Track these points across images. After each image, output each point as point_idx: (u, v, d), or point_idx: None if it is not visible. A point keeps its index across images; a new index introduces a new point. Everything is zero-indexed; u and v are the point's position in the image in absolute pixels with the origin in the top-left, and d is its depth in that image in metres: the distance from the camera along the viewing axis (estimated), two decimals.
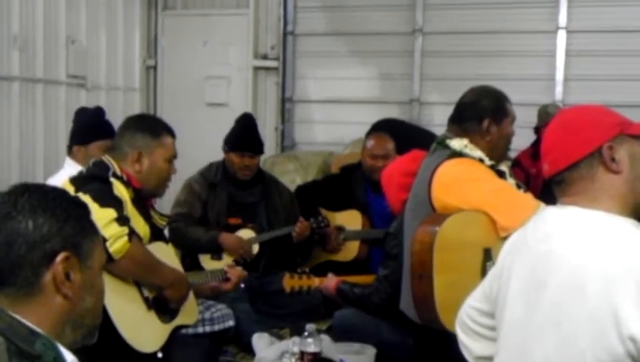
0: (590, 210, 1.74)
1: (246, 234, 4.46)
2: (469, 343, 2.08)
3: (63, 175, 3.30)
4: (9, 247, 1.40)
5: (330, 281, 3.63)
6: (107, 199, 2.80)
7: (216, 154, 4.72)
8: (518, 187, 3.14)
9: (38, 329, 1.39)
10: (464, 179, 2.93)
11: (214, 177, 4.52)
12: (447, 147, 3.07)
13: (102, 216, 2.63)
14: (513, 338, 1.81)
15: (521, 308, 1.79)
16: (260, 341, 3.58)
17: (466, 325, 2.08)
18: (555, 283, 1.70)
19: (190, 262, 4.16)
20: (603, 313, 1.58)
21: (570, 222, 1.76)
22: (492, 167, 3.02)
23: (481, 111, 3.09)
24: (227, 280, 3.47)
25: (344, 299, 3.59)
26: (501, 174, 3.05)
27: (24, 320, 1.39)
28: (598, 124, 1.79)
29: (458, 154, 3.01)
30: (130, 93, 6.56)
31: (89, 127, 4.02)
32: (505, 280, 1.88)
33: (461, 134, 3.10)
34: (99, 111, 4.19)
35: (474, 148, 3.04)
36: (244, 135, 4.56)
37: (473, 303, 2.06)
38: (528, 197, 2.97)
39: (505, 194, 2.93)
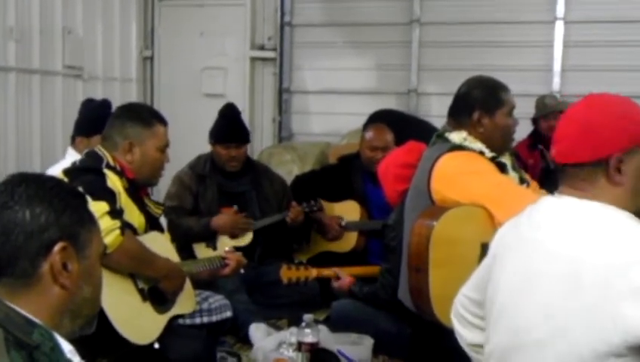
0: (586, 201, 1.73)
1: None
2: (461, 330, 2.10)
3: (64, 165, 3.29)
4: (6, 237, 1.40)
5: (344, 281, 3.65)
6: (100, 192, 2.79)
7: None
8: (522, 181, 3.12)
9: (36, 320, 1.39)
10: (463, 173, 2.91)
11: (203, 169, 4.51)
12: (446, 140, 3.05)
13: (94, 210, 2.63)
14: (504, 325, 1.82)
15: (513, 297, 1.79)
16: (258, 331, 3.58)
17: (459, 313, 2.10)
18: (549, 273, 1.70)
19: (185, 256, 4.15)
20: (599, 304, 1.58)
21: (565, 213, 1.76)
22: (493, 159, 3.00)
23: (472, 103, 3.06)
24: (226, 266, 3.47)
25: (354, 298, 3.60)
26: (502, 166, 3.02)
27: (21, 311, 1.39)
28: (617, 131, 1.72)
29: (458, 147, 2.99)
30: (127, 84, 6.54)
31: (93, 119, 3.99)
32: (496, 268, 1.89)
33: (457, 127, 3.08)
34: (104, 104, 4.17)
35: (474, 140, 3.01)
36: (227, 126, 4.54)
37: (466, 292, 2.08)
38: (528, 192, 2.94)
39: (504, 188, 2.90)
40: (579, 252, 1.66)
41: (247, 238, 4.43)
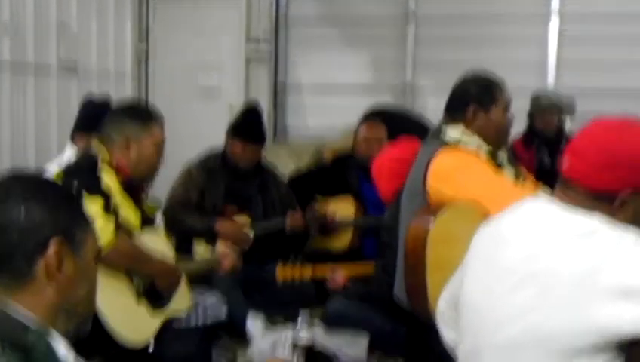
0: (567, 209, 1.73)
1: (241, 220, 4.44)
2: (443, 329, 2.11)
3: (64, 159, 3.29)
4: (1, 236, 1.39)
5: (339, 277, 3.65)
6: (94, 190, 2.78)
7: (209, 140, 4.70)
8: (517, 175, 3.11)
9: (31, 319, 1.38)
10: (459, 170, 2.89)
11: (213, 165, 4.50)
12: (443, 136, 3.04)
13: (88, 208, 2.62)
14: (476, 324, 1.83)
15: (486, 295, 1.80)
16: (255, 322, 3.60)
17: (441, 311, 2.12)
18: (521, 273, 1.71)
19: (184, 251, 4.14)
20: (573, 304, 1.60)
21: (542, 216, 1.76)
22: (490, 154, 2.99)
23: (467, 98, 3.05)
24: (221, 266, 3.47)
25: (349, 297, 3.60)
26: (498, 164, 3.02)
27: (16, 310, 1.38)
28: (638, 172, 1.71)
29: (455, 143, 2.99)
30: (121, 80, 6.54)
31: (93, 117, 3.97)
32: (471, 265, 1.91)
33: (452, 122, 3.07)
34: (105, 102, 4.16)
35: (470, 135, 3.01)
36: (250, 123, 4.52)
37: (449, 289, 2.10)
38: (523, 190, 2.94)
39: (499, 186, 2.88)
40: (552, 253, 1.67)
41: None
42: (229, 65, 6.69)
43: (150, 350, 2.94)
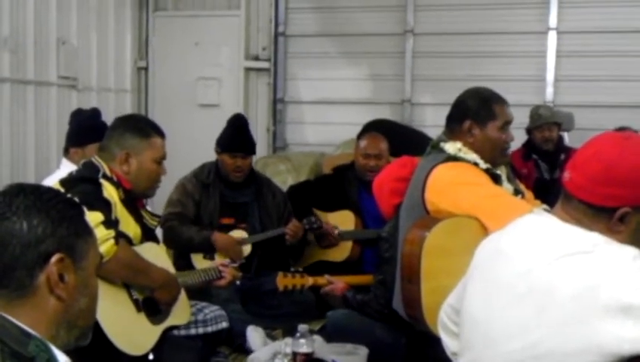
0: (567, 224, 1.73)
1: (238, 235, 4.45)
2: (446, 340, 2.10)
3: (60, 176, 3.29)
4: (3, 248, 1.40)
5: (338, 285, 3.65)
6: (95, 202, 2.79)
7: (208, 155, 4.72)
8: (517, 192, 3.10)
9: (32, 331, 1.38)
10: (457, 184, 2.89)
11: (207, 178, 4.52)
12: (441, 150, 3.04)
13: (89, 220, 2.63)
14: (476, 338, 1.83)
15: (486, 310, 1.80)
16: (254, 334, 3.59)
17: (444, 322, 2.11)
18: (522, 289, 1.70)
19: (183, 264, 4.16)
20: (573, 322, 1.59)
21: (543, 231, 1.76)
22: (487, 171, 2.99)
23: (464, 112, 3.06)
24: (221, 278, 3.47)
25: (347, 306, 3.60)
26: (496, 178, 3.01)
27: (17, 322, 1.38)
28: (638, 188, 1.69)
29: (453, 157, 2.98)
30: (121, 95, 6.55)
31: (85, 128, 4.01)
32: (473, 279, 1.90)
33: (451, 135, 3.08)
34: (95, 113, 4.20)
35: (468, 151, 2.99)
36: (235, 136, 4.56)
37: (450, 301, 2.09)
38: (521, 203, 2.91)
39: (497, 199, 2.86)
40: (551, 270, 1.66)
41: (244, 251, 4.43)
42: (228, 80, 6.70)
43: (150, 357, 2.94)
